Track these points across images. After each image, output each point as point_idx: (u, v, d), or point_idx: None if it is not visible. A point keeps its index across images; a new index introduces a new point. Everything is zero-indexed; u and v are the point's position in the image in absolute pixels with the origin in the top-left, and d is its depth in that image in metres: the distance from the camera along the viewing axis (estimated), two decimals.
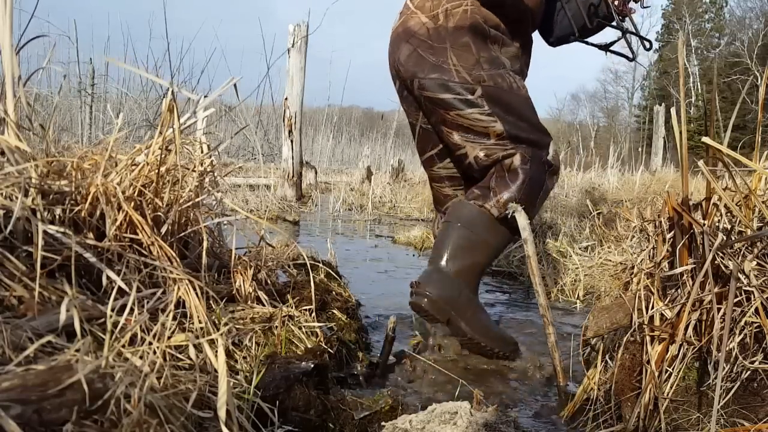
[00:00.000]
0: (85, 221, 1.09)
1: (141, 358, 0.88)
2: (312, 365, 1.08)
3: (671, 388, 1.12)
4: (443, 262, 1.62)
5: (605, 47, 1.88)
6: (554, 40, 1.96)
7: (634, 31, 1.82)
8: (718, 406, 0.99)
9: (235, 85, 1.47)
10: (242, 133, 10.15)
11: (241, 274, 1.36)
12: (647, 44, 1.86)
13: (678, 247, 1.20)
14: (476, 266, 1.66)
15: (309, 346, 1.28)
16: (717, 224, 1.18)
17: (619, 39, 1.84)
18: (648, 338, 1.18)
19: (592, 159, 9.91)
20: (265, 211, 5.25)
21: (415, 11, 1.75)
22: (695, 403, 1.09)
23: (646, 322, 1.20)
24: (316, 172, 8.53)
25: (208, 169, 1.39)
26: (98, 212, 1.11)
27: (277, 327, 1.26)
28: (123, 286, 0.99)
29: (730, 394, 1.04)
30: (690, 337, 1.12)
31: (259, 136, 10.14)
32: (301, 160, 7.09)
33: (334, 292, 1.77)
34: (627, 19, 1.83)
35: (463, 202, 1.71)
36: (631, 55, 1.90)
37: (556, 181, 1.74)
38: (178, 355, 0.96)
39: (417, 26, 1.73)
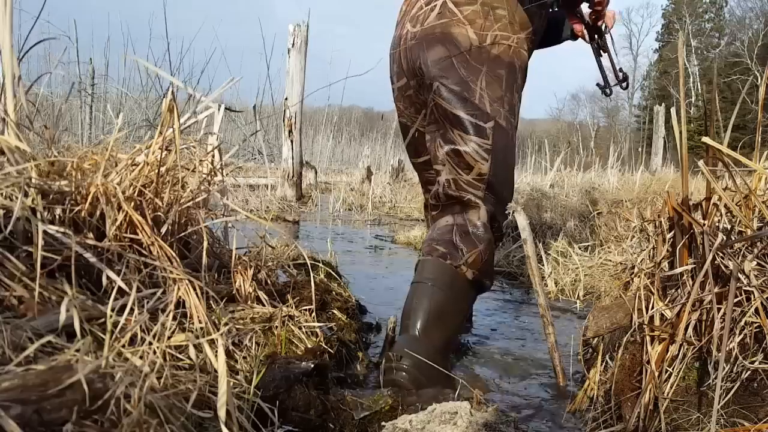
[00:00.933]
0: (85, 221, 1.09)
1: (141, 358, 0.88)
2: (312, 365, 1.08)
3: (671, 388, 1.12)
4: (417, 331, 1.51)
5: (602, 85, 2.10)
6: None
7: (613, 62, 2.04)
8: (718, 406, 0.99)
9: (254, 108, 1.47)
10: (242, 134, 10.15)
11: (241, 274, 1.36)
12: (624, 84, 2.06)
13: (678, 247, 1.20)
14: (453, 333, 1.61)
15: (309, 346, 1.28)
16: (717, 224, 1.18)
17: (621, 81, 2.06)
18: (648, 338, 1.18)
19: (592, 159, 9.91)
20: (265, 211, 5.25)
21: (463, 21, 1.69)
22: (695, 403, 1.09)
23: (646, 322, 1.20)
24: (316, 172, 8.52)
25: (210, 170, 1.39)
26: (98, 212, 1.11)
27: (277, 327, 1.26)
28: (123, 286, 0.99)
29: (730, 394, 1.04)
30: (690, 337, 1.12)
31: (259, 136, 10.14)
32: (301, 160, 7.09)
33: (334, 292, 1.77)
34: (605, 49, 2.02)
35: (433, 262, 1.63)
36: (608, 91, 2.09)
37: (496, 248, 1.76)
38: (178, 355, 0.96)
39: (461, 37, 1.68)
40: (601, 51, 2.01)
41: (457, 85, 1.66)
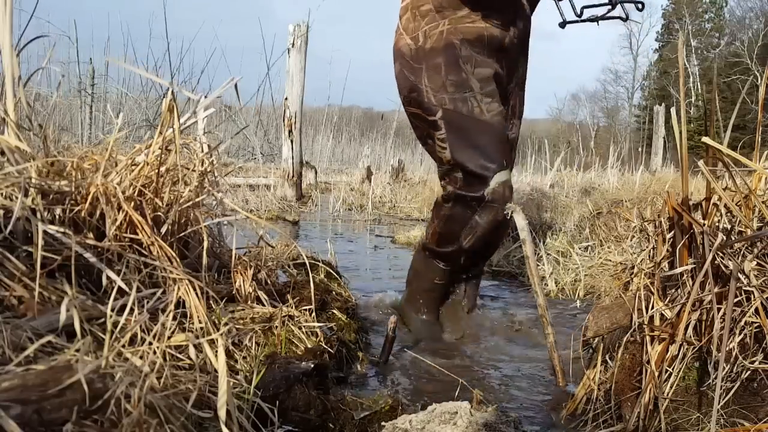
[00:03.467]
0: (85, 221, 1.09)
1: (141, 358, 0.88)
2: (312, 365, 1.08)
3: (671, 388, 1.12)
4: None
5: (597, 19, 1.78)
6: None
7: None
8: (718, 406, 0.99)
9: (236, 87, 1.47)
10: (242, 133, 10.14)
11: (241, 274, 1.36)
12: (639, 5, 1.77)
13: (678, 247, 1.20)
14: (415, 292, 2.03)
15: (309, 346, 1.28)
16: (717, 224, 1.18)
17: (610, 7, 1.74)
18: (648, 338, 1.18)
19: (592, 159, 9.90)
20: (265, 211, 5.25)
21: (402, 33, 1.84)
22: (695, 403, 1.09)
23: (646, 322, 1.20)
24: (316, 172, 8.51)
25: (208, 169, 1.39)
26: (98, 212, 1.11)
27: (277, 327, 1.26)
28: (123, 286, 0.99)
29: (730, 394, 1.04)
30: (690, 337, 1.12)
31: (259, 136, 10.13)
32: (301, 160, 7.08)
33: (334, 292, 1.77)
34: None
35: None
36: (624, 16, 1.78)
37: (497, 215, 1.74)
38: (178, 355, 0.96)
39: (404, 47, 1.82)
40: None
41: (410, 92, 1.82)
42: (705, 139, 1.08)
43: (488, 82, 1.79)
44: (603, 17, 1.76)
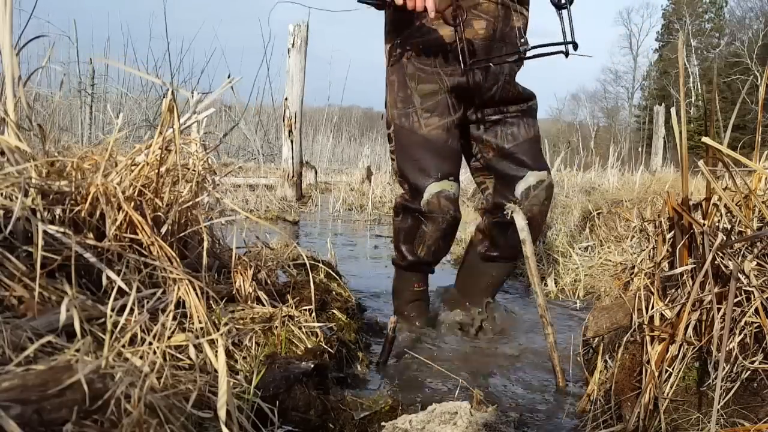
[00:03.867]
0: (85, 221, 1.09)
1: (141, 358, 0.88)
2: (312, 365, 1.08)
3: (671, 388, 1.12)
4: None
5: (523, 57, 1.75)
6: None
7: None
8: (718, 406, 0.99)
9: (232, 88, 1.47)
10: (243, 134, 10.13)
11: (241, 274, 1.35)
12: (573, 45, 1.58)
13: (678, 247, 1.20)
14: (401, 307, 2.08)
15: (309, 346, 1.28)
16: (717, 224, 1.18)
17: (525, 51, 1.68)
18: (648, 338, 1.18)
19: (592, 159, 9.89)
20: (265, 211, 5.25)
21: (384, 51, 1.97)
22: (695, 403, 1.09)
23: (646, 322, 1.20)
24: (316, 172, 8.51)
25: (204, 170, 1.39)
26: (98, 212, 1.11)
27: (277, 327, 1.26)
28: (123, 286, 0.99)
29: (730, 394, 1.04)
30: (690, 337, 1.12)
31: (259, 136, 10.12)
32: (301, 160, 7.08)
33: (334, 292, 1.77)
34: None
35: None
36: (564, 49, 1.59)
37: (440, 224, 1.86)
38: (178, 355, 0.96)
39: (385, 64, 1.96)
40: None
41: (385, 105, 1.97)
42: (705, 139, 1.08)
43: (429, 97, 1.86)
44: (522, 58, 1.79)
